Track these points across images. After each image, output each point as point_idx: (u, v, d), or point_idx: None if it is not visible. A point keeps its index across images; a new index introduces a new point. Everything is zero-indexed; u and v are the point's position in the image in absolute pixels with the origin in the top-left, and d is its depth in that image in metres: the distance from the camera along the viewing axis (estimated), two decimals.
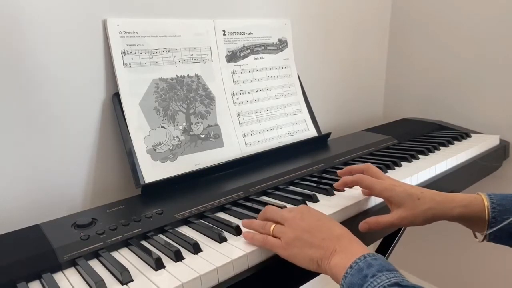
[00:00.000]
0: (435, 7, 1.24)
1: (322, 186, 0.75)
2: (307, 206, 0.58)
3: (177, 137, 0.82)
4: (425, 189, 0.63)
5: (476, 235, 0.65)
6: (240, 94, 0.94)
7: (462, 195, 0.63)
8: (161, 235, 0.61)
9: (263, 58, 0.99)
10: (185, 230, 0.63)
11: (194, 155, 0.83)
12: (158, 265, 0.51)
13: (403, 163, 0.88)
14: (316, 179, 0.81)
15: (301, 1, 1.09)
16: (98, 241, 0.57)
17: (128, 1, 0.78)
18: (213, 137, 0.87)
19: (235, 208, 0.69)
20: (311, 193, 0.71)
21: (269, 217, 0.59)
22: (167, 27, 0.83)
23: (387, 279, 0.43)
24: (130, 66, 0.78)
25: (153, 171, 0.77)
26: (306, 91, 1.06)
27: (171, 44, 0.83)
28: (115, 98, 0.78)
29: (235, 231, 0.60)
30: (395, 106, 1.42)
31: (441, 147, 1.00)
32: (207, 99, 0.88)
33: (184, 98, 0.84)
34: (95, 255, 0.56)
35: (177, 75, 0.84)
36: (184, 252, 0.55)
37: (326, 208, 0.66)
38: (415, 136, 1.11)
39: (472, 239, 0.66)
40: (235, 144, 0.90)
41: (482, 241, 0.63)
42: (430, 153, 0.96)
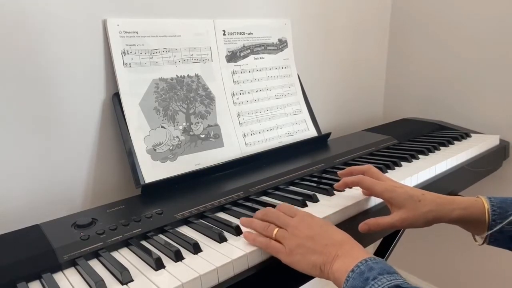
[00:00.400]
0: (435, 7, 1.24)
1: (322, 186, 0.75)
2: (308, 212, 0.58)
3: (177, 137, 0.82)
4: (426, 191, 0.63)
5: (476, 238, 0.65)
6: (240, 94, 0.94)
7: (462, 198, 0.63)
8: (161, 235, 0.61)
9: (263, 58, 0.99)
10: (185, 230, 0.63)
11: (194, 155, 0.83)
12: (158, 265, 0.51)
13: (403, 163, 0.88)
14: (316, 179, 0.81)
15: (301, 1, 1.09)
16: (98, 241, 0.57)
17: (128, 1, 0.78)
18: (213, 137, 0.87)
19: (235, 208, 0.69)
20: (311, 193, 0.71)
21: (270, 220, 0.58)
22: (167, 27, 0.83)
23: (388, 281, 0.43)
24: (130, 66, 0.78)
25: (153, 171, 0.77)
26: (306, 91, 1.06)
27: (171, 44, 0.83)
28: (115, 98, 0.78)
29: (235, 231, 0.60)
30: (395, 106, 1.42)
31: (441, 147, 1.00)
32: (207, 99, 0.88)
33: (184, 98, 0.84)
34: (95, 255, 0.56)
35: (177, 75, 0.84)
36: (184, 252, 0.55)
37: (326, 208, 0.66)
38: (415, 136, 1.11)
39: (471, 239, 0.66)
40: (235, 144, 0.90)
41: (482, 244, 0.63)
42: (430, 153, 0.96)
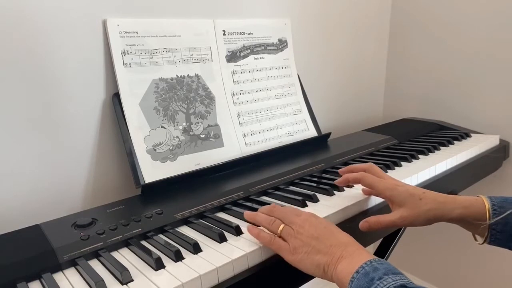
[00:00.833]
0: (435, 7, 1.24)
1: (322, 186, 0.75)
2: (313, 213, 0.58)
3: (177, 137, 0.82)
4: (427, 190, 0.63)
5: (476, 237, 0.65)
6: (240, 94, 0.94)
7: (463, 197, 0.63)
8: (161, 235, 0.61)
9: (263, 58, 0.99)
10: (185, 230, 0.63)
11: (194, 155, 0.83)
12: (158, 265, 0.51)
13: (403, 163, 0.88)
14: (316, 179, 0.81)
15: (301, 1, 1.09)
16: (98, 241, 0.57)
17: (128, 1, 0.78)
18: (213, 137, 0.87)
19: (235, 208, 0.69)
20: (311, 193, 0.71)
21: (276, 216, 0.58)
22: (167, 27, 0.83)
23: (394, 281, 0.43)
24: (130, 66, 0.78)
25: (153, 171, 0.77)
26: (306, 91, 1.06)
27: (171, 44, 0.83)
28: (115, 98, 0.78)
29: (235, 231, 0.60)
30: (395, 106, 1.42)
31: (441, 147, 1.00)
32: (207, 99, 0.88)
33: (184, 98, 0.84)
34: (95, 255, 0.56)
35: (177, 75, 0.84)
36: (184, 252, 0.55)
37: (326, 208, 0.66)
38: (415, 136, 1.11)
39: (471, 239, 0.66)
40: (235, 144, 0.90)
41: (482, 243, 0.63)
42: (430, 153, 0.96)
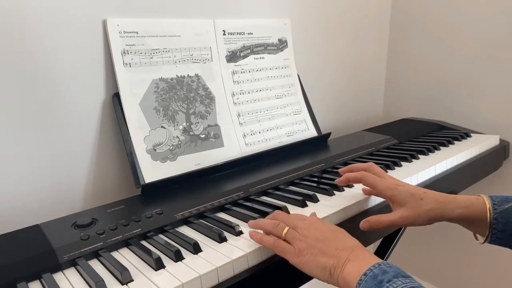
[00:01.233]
0: (435, 7, 1.24)
1: (322, 186, 0.75)
2: (318, 217, 0.58)
3: (177, 137, 0.82)
4: (428, 190, 0.63)
5: (477, 237, 0.65)
6: (240, 94, 0.94)
7: (464, 196, 0.63)
8: (161, 235, 0.61)
9: (263, 58, 0.99)
10: (185, 230, 0.63)
11: (194, 155, 0.83)
12: (158, 265, 0.51)
13: (403, 163, 0.88)
14: (316, 179, 0.81)
15: (301, 1, 1.09)
16: (98, 241, 0.57)
17: (128, 1, 0.78)
18: (213, 137, 0.87)
19: (235, 208, 0.69)
20: (311, 193, 0.71)
21: (280, 220, 0.57)
22: (167, 27, 0.83)
23: (403, 283, 0.42)
24: (130, 66, 0.78)
25: (153, 171, 0.77)
26: (306, 91, 1.06)
27: (171, 44, 0.83)
28: (115, 98, 0.78)
29: (235, 231, 0.60)
30: (395, 106, 1.42)
31: (441, 147, 1.00)
32: (207, 99, 0.88)
33: (184, 98, 0.84)
34: (95, 255, 0.56)
35: (177, 75, 0.84)
36: (184, 252, 0.55)
37: (326, 208, 0.66)
38: (415, 136, 1.11)
39: (472, 239, 0.66)
40: (235, 144, 0.90)
41: (483, 243, 0.63)
42: (430, 153, 0.96)
